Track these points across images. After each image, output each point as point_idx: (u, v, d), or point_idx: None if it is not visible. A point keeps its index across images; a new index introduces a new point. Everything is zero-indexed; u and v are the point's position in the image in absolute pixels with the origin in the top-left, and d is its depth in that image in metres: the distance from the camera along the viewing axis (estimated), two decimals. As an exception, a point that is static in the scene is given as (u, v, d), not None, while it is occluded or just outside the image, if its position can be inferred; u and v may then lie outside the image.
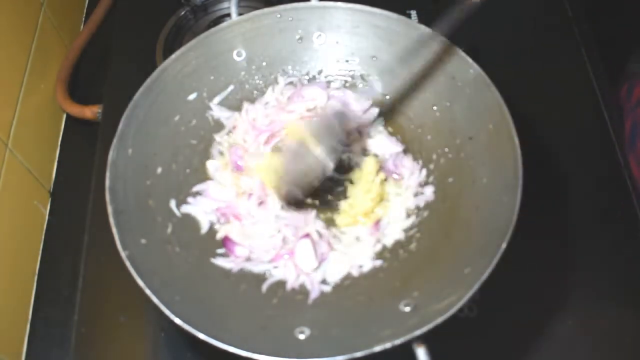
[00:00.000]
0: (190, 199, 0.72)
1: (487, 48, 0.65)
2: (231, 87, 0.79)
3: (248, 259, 0.70)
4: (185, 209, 0.71)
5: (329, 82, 0.81)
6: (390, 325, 0.58)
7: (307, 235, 0.69)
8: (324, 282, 0.68)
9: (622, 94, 0.95)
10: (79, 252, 0.80)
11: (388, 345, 0.54)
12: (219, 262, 0.69)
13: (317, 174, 0.68)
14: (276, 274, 0.68)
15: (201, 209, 0.72)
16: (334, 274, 0.68)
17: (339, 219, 0.72)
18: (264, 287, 0.67)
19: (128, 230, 0.62)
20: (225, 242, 0.71)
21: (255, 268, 0.69)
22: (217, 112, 0.78)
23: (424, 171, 0.74)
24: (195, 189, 0.73)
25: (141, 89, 0.70)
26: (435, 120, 0.75)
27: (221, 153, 0.77)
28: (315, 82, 0.81)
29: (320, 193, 0.73)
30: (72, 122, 0.97)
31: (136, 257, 0.59)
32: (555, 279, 0.77)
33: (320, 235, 0.70)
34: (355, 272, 0.68)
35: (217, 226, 0.72)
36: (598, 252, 0.79)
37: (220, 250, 0.70)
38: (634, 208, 0.82)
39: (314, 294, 0.67)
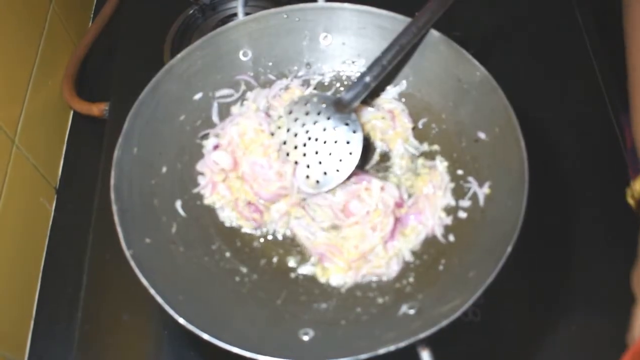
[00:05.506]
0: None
1: (494, 51, 0.65)
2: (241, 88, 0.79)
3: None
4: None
5: (334, 83, 0.81)
6: (394, 328, 0.58)
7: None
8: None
9: None
10: (83, 250, 0.80)
11: (392, 347, 0.54)
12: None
13: None
14: None
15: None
16: None
17: None
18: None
19: (133, 230, 0.62)
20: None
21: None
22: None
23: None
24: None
25: (147, 88, 0.70)
26: (441, 122, 0.75)
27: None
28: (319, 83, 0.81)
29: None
30: (79, 119, 0.98)
31: (140, 256, 0.59)
32: (560, 284, 0.77)
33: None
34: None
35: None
36: (604, 259, 0.79)
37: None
38: None
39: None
